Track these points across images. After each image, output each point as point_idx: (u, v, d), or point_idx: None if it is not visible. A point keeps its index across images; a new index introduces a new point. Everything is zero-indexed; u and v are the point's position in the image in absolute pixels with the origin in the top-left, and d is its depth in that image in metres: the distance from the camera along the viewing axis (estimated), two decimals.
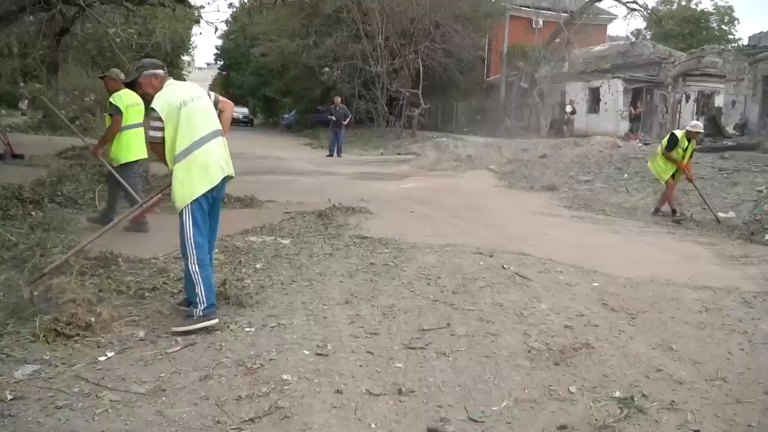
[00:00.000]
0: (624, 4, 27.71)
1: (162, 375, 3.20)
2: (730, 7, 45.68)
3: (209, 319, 3.80)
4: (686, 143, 9.15)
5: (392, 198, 10.39)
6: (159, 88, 3.96)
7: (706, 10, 45.60)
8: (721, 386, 3.36)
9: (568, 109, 28.03)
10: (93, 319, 3.67)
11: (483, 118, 31.05)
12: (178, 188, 3.88)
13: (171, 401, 2.94)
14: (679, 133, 9.36)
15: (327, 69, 29.24)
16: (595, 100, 27.58)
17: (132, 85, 4.37)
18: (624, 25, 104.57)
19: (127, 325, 3.84)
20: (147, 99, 4.05)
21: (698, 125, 9.62)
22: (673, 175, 9.28)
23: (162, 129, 3.84)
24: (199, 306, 3.80)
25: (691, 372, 3.53)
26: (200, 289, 3.81)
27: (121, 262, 5.04)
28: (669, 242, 7.54)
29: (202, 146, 3.92)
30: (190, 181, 3.87)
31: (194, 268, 3.83)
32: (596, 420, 2.90)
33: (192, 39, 33.66)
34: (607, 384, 3.32)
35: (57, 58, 20.74)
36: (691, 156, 9.43)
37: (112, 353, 3.43)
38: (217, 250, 5.82)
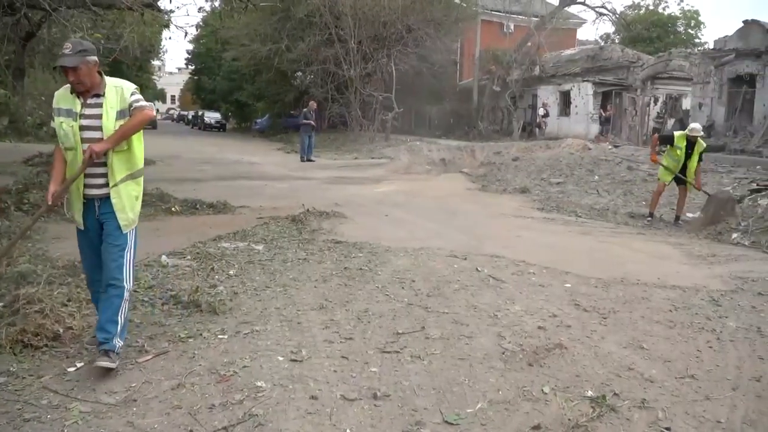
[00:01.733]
0: (593, 8, 28.21)
1: (133, 385, 3.15)
2: (697, 11, 46.62)
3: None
4: (684, 144, 8.96)
5: (366, 202, 10.39)
6: (99, 80, 3.36)
7: (673, 14, 46.49)
8: (691, 384, 3.42)
9: (541, 112, 28.38)
10: (61, 330, 3.61)
11: (456, 121, 31.24)
12: (135, 206, 3.51)
13: (142, 411, 2.89)
14: (678, 133, 9.31)
15: (300, 73, 29.18)
16: (566, 103, 27.96)
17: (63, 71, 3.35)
18: (593, 30, 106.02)
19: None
20: (80, 90, 3.32)
21: (696, 128, 9.11)
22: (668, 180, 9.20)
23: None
24: (120, 339, 3.37)
25: (661, 370, 3.58)
26: (124, 316, 3.41)
27: None
28: (639, 243, 7.65)
29: None
30: (140, 202, 3.59)
31: (128, 296, 3.45)
32: (569, 420, 2.93)
33: (162, 43, 33.29)
34: (580, 383, 3.35)
35: (23, 63, 20.34)
36: (699, 162, 9.13)
37: (82, 363, 3.37)
38: (189, 257, 5.78)
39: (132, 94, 3.38)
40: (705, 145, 9.32)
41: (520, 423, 2.92)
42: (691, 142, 8.99)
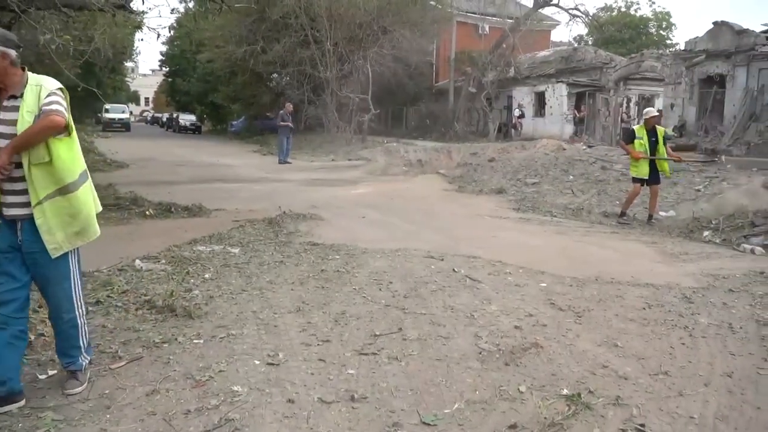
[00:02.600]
0: (566, 10, 28.56)
1: (106, 391, 3.11)
2: (668, 13, 47.50)
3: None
4: (644, 133, 9.07)
5: (343, 204, 10.38)
6: (18, 79, 2.91)
7: (644, 16, 47.28)
8: (664, 380, 3.47)
9: (516, 113, 28.62)
10: (32, 337, 3.55)
11: (432, 122, 31.37)
12: (71, 226, 3.00)
13: (116, 418, 2.85)
14: (636, 126, 9.44)
15: (276, 75, 29.04)
16: (540, 104, 28.24)
17: None
18: (567, 31, 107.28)
19: None
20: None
21: (650, 111, 9.39)
22: (644, 181, 9.21)
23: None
24: (87, 355, 3.24)
25: (635, 367, 3.63)
26: (84, 333, 3.21)
27: None
28: (613, 242, 7.75)
29: None
30: (94, 216, 3.14)
31: (83, 319, 3.20)
32: (545, 418, 2.96)
33: (135, 45, 32.87)
34: (556, 382, 3.38)
35: None
36: (665, 145, 9.24)
37: (54, 371, 3.31)
38: (163, 261, 5.72)
39: (48, 95, 2.87)
40: (665, 129, 9.49)
41: (496, 422, 2.94)
42: (651, 129, 9.11)
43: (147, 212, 8.42)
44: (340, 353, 3.70)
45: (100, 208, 3.29)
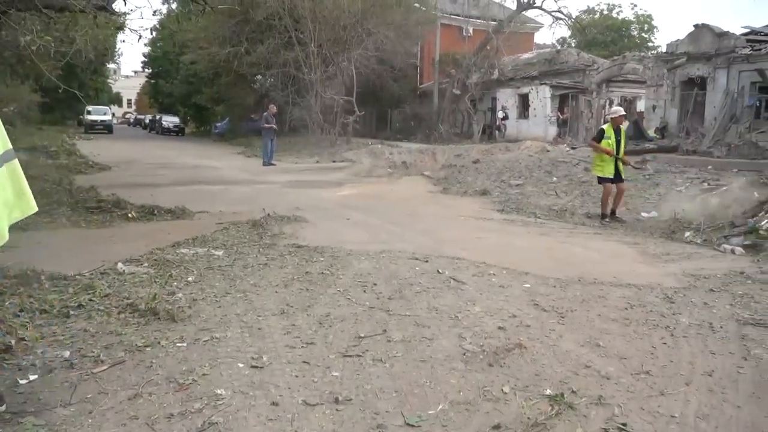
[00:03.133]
0: (549, 13, 28.73)
1: (88, 396, 3.07)
2: (650, 16, 48.10)
3: None
4: (612, 132, 9.37)
5: (328, 206, 10.37)
6: None
7: (626, 18, 47.79)
8: (646, 379, 3.50)
9: (500, 114, 28.77)
10: (13, 341, 3.50)
11: (417, 124, 31.44)
12: None
13: (98, 423, 2.82)
14: (605, 126, 9.68)
15: (260, 76, 28.94)
16: (524, 105, 28.43)
17: None
18: (550, 34, 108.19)
19: (51, 345, 3.67)
20: None
21: (618, 110, 9.80)
22: (611, 180, 9.41)
23: None
24: None
25: (617, 367, 3.66)
26: None
27: (43, 280, 4.83)
28: (596, 242, 7.81)
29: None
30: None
31: None
32: (528, 418, 2.97)
33: (117, 47, 32.62)
34: (539, 382, 3.40)
35: None
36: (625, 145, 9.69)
37: (35, 376, 3.27)
38: (146, 264, 5.68)
39: None
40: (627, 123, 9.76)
41: (480, 423, 2.95)
42: (617, 129, 9.44)
43: (129, 215, 8.35)
44: (325, 355, 3.69)
45: (33, 208, 2.93)
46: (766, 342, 4.13)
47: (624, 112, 9.91)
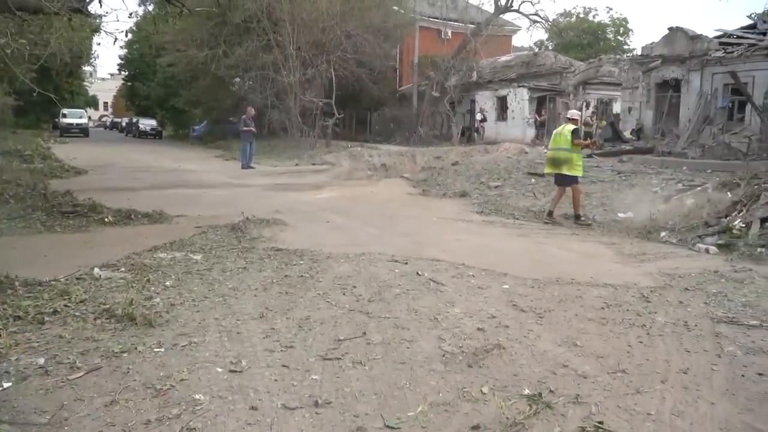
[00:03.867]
0: (527, 16, 29.00)
1: (64, 403, 3.03)
2: (625, 19, 48.76)
3: None
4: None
5: (307, 209, 10.34)
6: None
7: (602, 21, 48.37)
8: (622, 378, 3.54)
9: (479, 117, 28.94)
10: None
11: (396, 126, 31.50)
12: None
13: (74, 430, 2.79)
14: (570, 126, 9.70)
15: (238, 79, 28.78)
16: (502, 108, 28.63)
17: None
18: (527, 37, 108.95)
19: (25, 352, 3.62)
20: None
21: (573, 112, 10.24)
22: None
23: None
24: None
25: (594, 366, 3.70)
26: None
27: (17, 286, 4.76)
28: (573, 243, 7.89)
29: None
30: None
31: None
32: (507, 418, 2.99)
33: (93, 49, 32.23)
34: (517, 382, 3.43)
35: None
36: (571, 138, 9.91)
37: (9, 384, 3.22)
38: (123, 269, 5.61)
39: None
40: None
41: (459, 424, 2.96)
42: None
43: (106, 219, 8.25)
44: (304, 359, 3.69)
45: None
46: (740, 339, 4.20)
47: (578, 114, 10.36)
